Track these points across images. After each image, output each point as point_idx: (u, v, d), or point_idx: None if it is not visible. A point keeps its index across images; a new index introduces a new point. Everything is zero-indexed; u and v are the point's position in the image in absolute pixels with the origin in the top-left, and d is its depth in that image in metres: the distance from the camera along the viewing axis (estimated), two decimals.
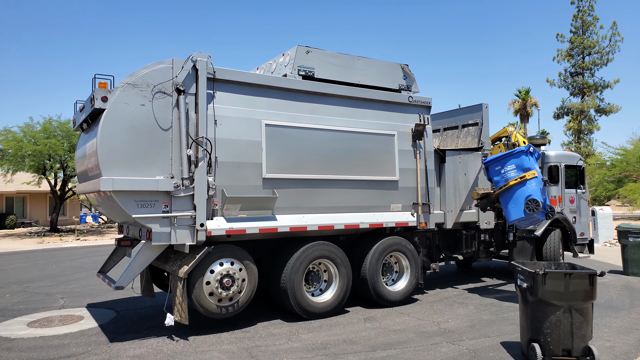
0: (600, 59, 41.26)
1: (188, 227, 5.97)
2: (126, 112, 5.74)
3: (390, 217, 7.65)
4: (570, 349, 4.73)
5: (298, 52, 7.19)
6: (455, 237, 9.11)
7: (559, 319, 4.72)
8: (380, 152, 7.65)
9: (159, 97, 5.93)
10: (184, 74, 6.06)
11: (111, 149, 5.63)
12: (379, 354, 5.36)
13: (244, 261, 6.31)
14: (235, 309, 6.26)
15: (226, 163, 6.28)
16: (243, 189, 6.36)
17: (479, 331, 6.20)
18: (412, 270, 7.85)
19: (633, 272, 10.16)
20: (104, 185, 5.52)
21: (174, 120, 5.99)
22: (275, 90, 6.84)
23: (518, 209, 7.57)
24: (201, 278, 6.00)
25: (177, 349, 5.58)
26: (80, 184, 6.83)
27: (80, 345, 5.79)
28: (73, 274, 11.67)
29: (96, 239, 22.76)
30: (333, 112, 7.32)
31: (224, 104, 6.38)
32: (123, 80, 5.83)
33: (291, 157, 6.79)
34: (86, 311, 7.55)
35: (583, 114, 41.52)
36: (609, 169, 30.76)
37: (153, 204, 5.80)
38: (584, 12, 41.61)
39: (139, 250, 6.04)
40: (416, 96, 8.22)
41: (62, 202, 27.04)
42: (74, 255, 15.89)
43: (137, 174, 5.73)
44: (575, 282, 4.71)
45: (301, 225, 6.76)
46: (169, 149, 5.95)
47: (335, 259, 7.03)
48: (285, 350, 5.52)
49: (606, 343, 5.63)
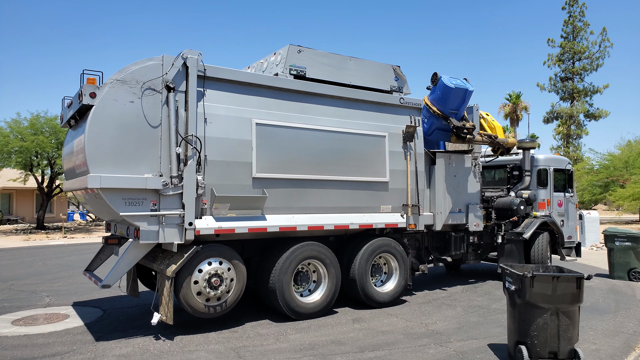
0: (590, 64, 41.76)
1: (176, 225, 5.93)
2: (115, 109, 5.68)
3: (380, 218, 7.66)
4: (557, 352, 4.77)
5: (290, 51, 7.16)
6: (444, 239, 9.12)
7: (546, 321, 4.76)
8: (371, 153, 7.64)
9: (148, 94, 5.87)
10: (174, 71, 6.01)
11: (99, 145, 5.56)
12: (366, 355, 5.35)
13: (232, 261, 6.28)
14: (223, 308, 6.22)
15: (216, 162, 6.23)
16: (233, 188, 6.31)
17: (467, 333, 6.22)
18: (401, 271, 7.86)
19: (619, 276, 10.26)
20: (92, 182, 5.46)
21: (164, 118, 5.93)
22: (266, 89, 6.81)
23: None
24: (189, 277, 5.95)
25: (164, 348, 5.53)
26: (68, 181, 6.76)
27: (65, 344, 5.71)
28: (59, 272, 11.53)
29: (84, 237, 22.50)
30: (324, 112, 7.29)
31: (215, 102, 6.33)
32: (112, 77, 5.77)
33: (281, 157, 6.75)
34: (72, 310, 7.46)
35: (572, 119, 41.99)
36: (596, 173, 31.20)
37: (141, 202, 5.74)
38: (575, 18, 42.09)
39: (127, 249, 6.00)
40: (407, 98, 8.26)
41: (49, 199, 26.72)
42: (60, 253, 15.71)
43: (125, 171, 5.67)
44: (562, 285, 4.74)
45: (291, 226, 6.73)
46: (158, 147, 5.89)
47: (324, 259, 7.01)
48: (273, 350, 5.49)
49: (592, 346, 5.68)
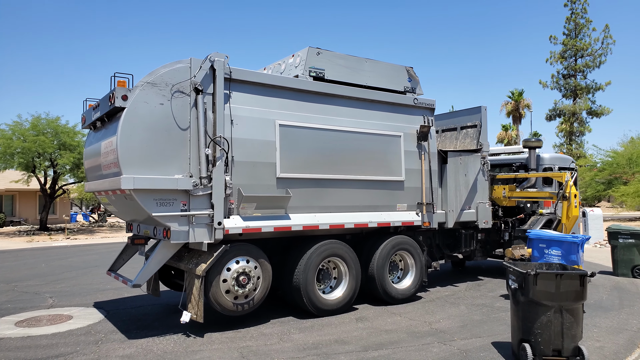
0: (593, 61, 41.61)
1: (206, 225, 6.05)
2: (146, 111, 5.79)
3: (396, 216, 7.82)
4: (561, 349, 4.75)
5: (309, 53, 7.31)
6: (454, 236, 9.28)
7: (550, 319, 4.74)
8: (387, 152, 7.82)
9: (177, 96, 5.99)
10: (202, 74, 6.12)
11: (131, 147, 5.67)
12: (370, 354, 5.35)
13: (259, 259, 6.43)
14: (251, 306, 6.34)
15: (242, 162, 6.37)
16: (258, 188, 6.46)
17: (471, 331, 6.21)
18: (417, 268, 8.03)
19: (622, 273, 10.23)
20: (125, 183, 5.54)
21: (192, 120, 6.05)
22: (288, 90, 6.94)
23: None
24: (218, 276, 6.08)
25: (167, 348, 5.54)
26: (92, 182, 6.80)
27: (68, 345, 5.72)
28: (62, 273, 11.57)
29: (87, 238, 22.57)
30: (342, 112, 7.45)
31: (239, 104, 6.45)
32: (142, 79, 5.87)
33: (303, 157, 6.92)
34: (75, 311, 7.47)
35: (575, 116, 41.85)
36: (599, 170, 31.11)
37: (172, 203, 5.86)
38: (577, 15, 41.96)
39: (156, 249, 6.11)
40: (421, 98, 8.40)
41: (52, 200, 26.82)
42: (63, 254, 15.75)
43: (156, 172, 5.78)
44: (566, 283, 4.73)
45: (313, 224, 6.88)
46: (187, 148, 6.01)
47: (345, 257, 7.16)
48: (276, 350, 5.49)
49: (596, 343, 5.66)
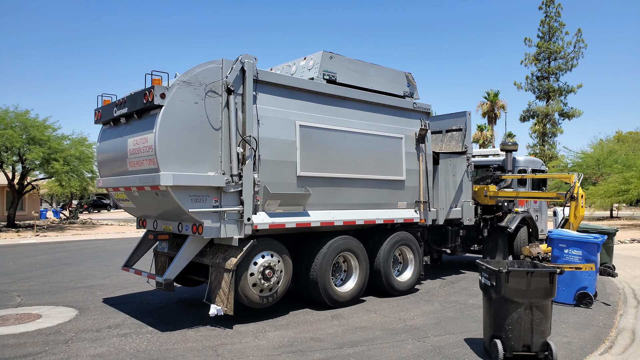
0: (565, 64, 42.79)
1: (236, 221, 6.29)
2: (181, 109, 5.93)
3: (399, 213, 8.41)
4: (530, 345, 4.88)
5: (323, 57, 7.65)
6: (441, 233, 9.90)
7: (520, 315, 4.85)
8: (391, 153, 8.30)
9: (210, 95, 6.17)
10: (234, 75, 6.31)
11: (169, 144, 5.82)
12: (345, 351, 5.38)
13: (282, 254, 6.71)
14: (275, 298, 6.61)
15: (267, 161, 6.62)
16: (280, 186, 6.72)
17: (444, 328, 6.31)
18: (416, 262, 8.59)
19: None
20: (164, 180, 5.69)
21: (224, 119, 6.24)
22: (306, 93, 7.23)
23: (568, 294, 7.47)
24: (246, 270, 6.29)
25: (140, 347, 5.45)
26: (112, 178, 6.86)
27: (37, 344, 5.57)
28: (31, 271, 11.25)
29: (57, 235, 21.99)
30: (352, 115, 7.83)
31: (265, 104, 6.68)
32: (179, 78, 5.99)
33: (320, 157, 7.26)
34: (44, 309, 7.28)
35: (548, 117, 42.93)
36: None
37: (205, 199, 6.05)
38: (551, 18, 43.03)
39: (185, 244, 6.32)
40: (419, 103, 8.92)
41: (20, 196, 25.98)
42: (32, 252, 15.32)
43: (191, 169, 5.94)
44: (536, 280, 4.85)
45: (329, 221, 7.26)
46: (219, 147, 6.19)
47: (356, 251, 7.58)
48: (251, 347, 5.47)
49: (564, 339, 5.83)
